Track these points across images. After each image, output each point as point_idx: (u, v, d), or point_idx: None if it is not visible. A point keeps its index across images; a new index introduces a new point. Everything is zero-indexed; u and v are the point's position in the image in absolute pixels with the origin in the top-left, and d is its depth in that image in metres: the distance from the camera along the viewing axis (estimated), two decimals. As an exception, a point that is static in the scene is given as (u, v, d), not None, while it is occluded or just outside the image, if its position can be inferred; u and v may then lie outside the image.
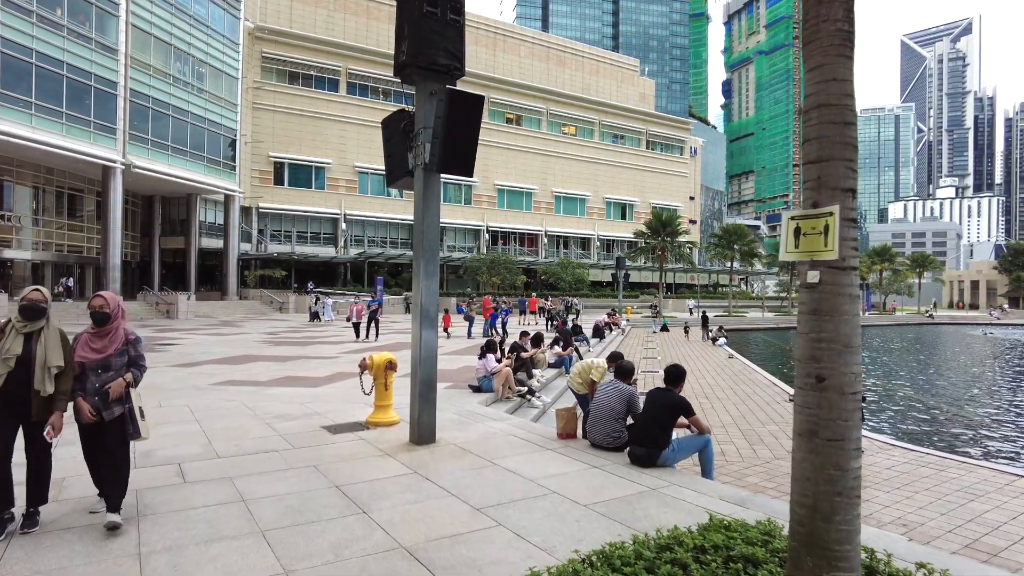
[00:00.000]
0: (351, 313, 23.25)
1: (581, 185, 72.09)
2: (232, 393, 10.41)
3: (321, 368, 14.19)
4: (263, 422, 7.90)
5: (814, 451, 2.93)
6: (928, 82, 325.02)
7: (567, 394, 13.19)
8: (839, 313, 2.89)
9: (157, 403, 9.31)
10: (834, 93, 2.91)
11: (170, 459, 6.10)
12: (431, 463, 6.02)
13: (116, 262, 36.95)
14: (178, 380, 12.03)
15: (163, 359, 15.67)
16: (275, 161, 54.92)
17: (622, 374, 6.87)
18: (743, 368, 19.92)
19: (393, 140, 7.13)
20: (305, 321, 35.28)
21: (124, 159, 36.33)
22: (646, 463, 5.95)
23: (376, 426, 7.59)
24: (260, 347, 19.61)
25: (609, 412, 6.54)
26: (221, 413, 8.53)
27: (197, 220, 48.11)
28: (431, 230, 6.75)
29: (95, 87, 34.42)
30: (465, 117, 6.32)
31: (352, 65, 58.62)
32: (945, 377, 22.38)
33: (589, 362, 8.50)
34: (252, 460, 6.07)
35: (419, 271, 6.69)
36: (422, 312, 6.67)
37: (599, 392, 6.81)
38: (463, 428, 7.66)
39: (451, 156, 6.31)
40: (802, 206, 3.06)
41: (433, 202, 6.75)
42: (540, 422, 10.00)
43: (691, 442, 6.16)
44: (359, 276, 55.68)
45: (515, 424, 8.02)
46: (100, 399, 4.40)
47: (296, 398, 9.93)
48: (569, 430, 7.11)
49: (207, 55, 43.35)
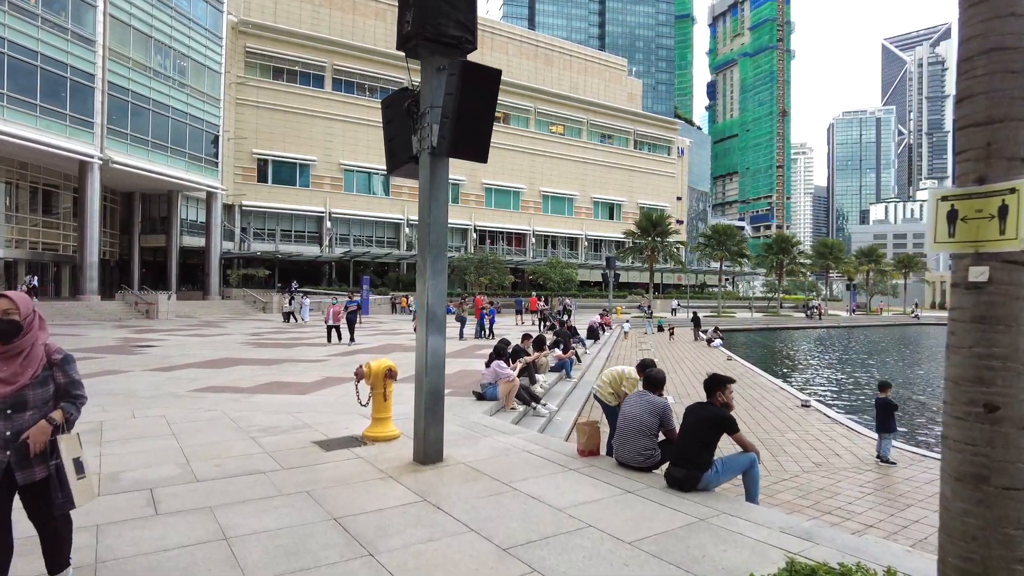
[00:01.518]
0: (327, 315, 21.26)
1: (569, 185, 71.48)
2: (213, 402, 9.59)
3: (308, 373, 13.38)
4: (248, 436, 7.10)
5: (984, 503, 2.23)
6: (908, 85, 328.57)
7: (572, 399, 12.51)
8: (1018, 323, 2.19)
9: (130, 413, 8.48)
10: (1011, 32, 2.21)
11: (141, 483, 5.30)
12: (441, 488, 5.28)
13: (93, 260, 35.75)
14: (154, 386, 11.18)
15: (139, 362, 14.77)
16: (259, 158, 53.74)
17: (652, 384, 6.16)
18: (745, 371, 19.35)
19: (395, 122, 6.37)
20: (306, 320, 34.25)
21: (102, 154, 35.13)
22: (686, 486, 5.25)
23: (374, 441, 6.82)
24: (243, 349, 18.72)
25: (639, 427, 5.83)
26: (201, 425, 7.72)
27: (178, 218, 46.86)
28: (438, 223, 6.00)
29: (71, 79, 33.22)
30: (480, 93, 5.56)
31: (338, 61, 57.56)
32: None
33: (620, 371, 7.67)
34: (236, 484, 5.29)
35: (425, 268, 5.94)
36: (429, 315, 5.92)
37: (627, 405, 6.10)
38: (471, 443, 6.91)
39: (463, 138, 5.55)
40: (956, 182, 2.36)
41: (441, 191, 6.00)
42: (547, 431, 9.31)
43: (735, 462, 5.46)
44: (344, 276, 54.65)
45: (528, 438, 7.27)
46: (13, 454, 3.08)
47: (283, 407, 9.13)
48: (592, 447, 6.39)
49: (189, 48, 42.17)
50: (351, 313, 21.39)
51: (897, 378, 22.00)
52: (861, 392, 18.92)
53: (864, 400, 16.75)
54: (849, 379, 21.97)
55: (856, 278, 74.08)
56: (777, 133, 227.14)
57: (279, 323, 32.75)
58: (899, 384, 20.69)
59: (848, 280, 73.20)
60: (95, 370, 13.20)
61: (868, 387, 20.04)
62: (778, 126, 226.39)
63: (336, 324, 20.85)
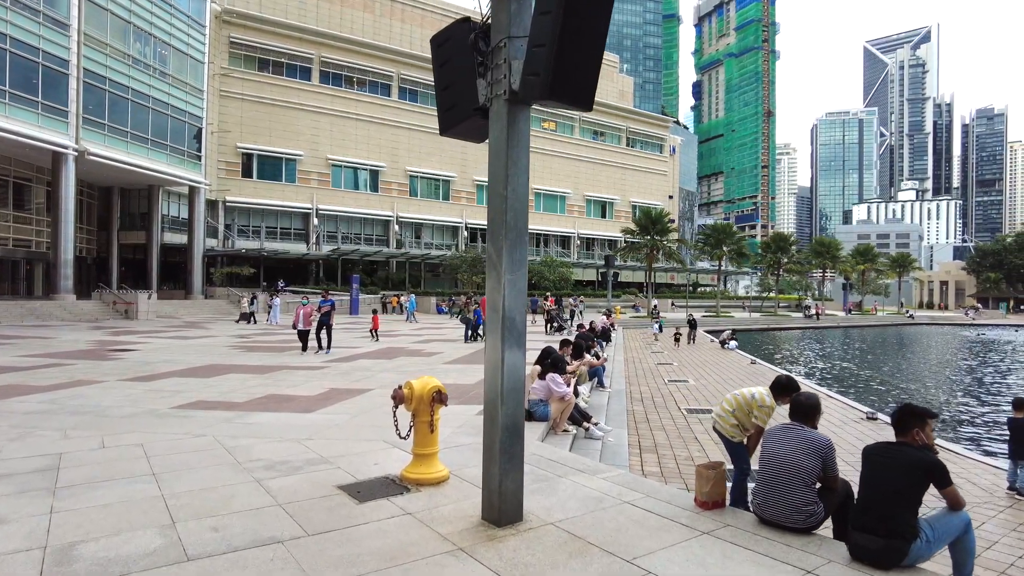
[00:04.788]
0: (296, 318, 17.41)
1: (561, 182, 70.08)
2: (203, 423, 7.92)
3: (308, 383, 11.71)
4: (251, 477, 5.48)
5: None
6: (890, 87, 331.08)
7: (612, 414, 10.95)
8: None
9: (99, 440, 6.81)
10: None
11: (104, 566, 3.67)
12: (543, 571, 3.70)
13: (68, 257, 33.68)
14: (131, 401, 9.48)
15: (115, 370, 13.01)
16: (243, 152, 51.76)
17: (802, 414, 4.59)
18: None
19: (452, 64, 4.75)
20: (263, 322, 31.93)
21: (77, 145, 33.09)
22: (885, 562, 3.73)
23: (418, 485, 5.22)
24: (231, 354, 16.97)
25: (795, 473, 4.29)
26: (189, 459, 6.07)
27: (159, 214, 44.80)
28: (518, 197, 4.42)
29: (44, 64, 31.18)
30: (589, 12, 3.99)
31: (326, 53, 55.71)
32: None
33: (748, 395, 5.56)
34: (246, 568, 3.68)
35: (500, 259, 4.36)
36: (505, 322, 4.34)
37: (773, 442, 4.54)
38: (547, 488, 5.31)
39: (566, 74, 3.96)
40: None
41: (523, 153, 4.43)
42: (604, 458, 7.73)
43: (949, 525, 3.93)
44: (332, 274, 52.83)
45: (617, 480, 5.67)
46: None
47: (288, 431, 7.49)
48: (718, 497, 4.83)
49: (170, 36, 40.12)
50: (325, 315, 17.58)
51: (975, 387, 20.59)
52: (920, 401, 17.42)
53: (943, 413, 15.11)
54: (893, 387, 20.31)
55: (852, 277, 73.40)
56: (762, 133, 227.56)
57: (262, 324, 30.89)
58: (984, 394, 19.37)
59: (845, 279, 72.42)
60: (62, 380, 11.46)
61: (919, 393, 18.71)
62: (763, 126, 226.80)
63: (308, 329, 17.26)
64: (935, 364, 27.57)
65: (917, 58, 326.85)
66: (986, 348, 35.09)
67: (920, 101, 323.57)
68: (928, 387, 20.18)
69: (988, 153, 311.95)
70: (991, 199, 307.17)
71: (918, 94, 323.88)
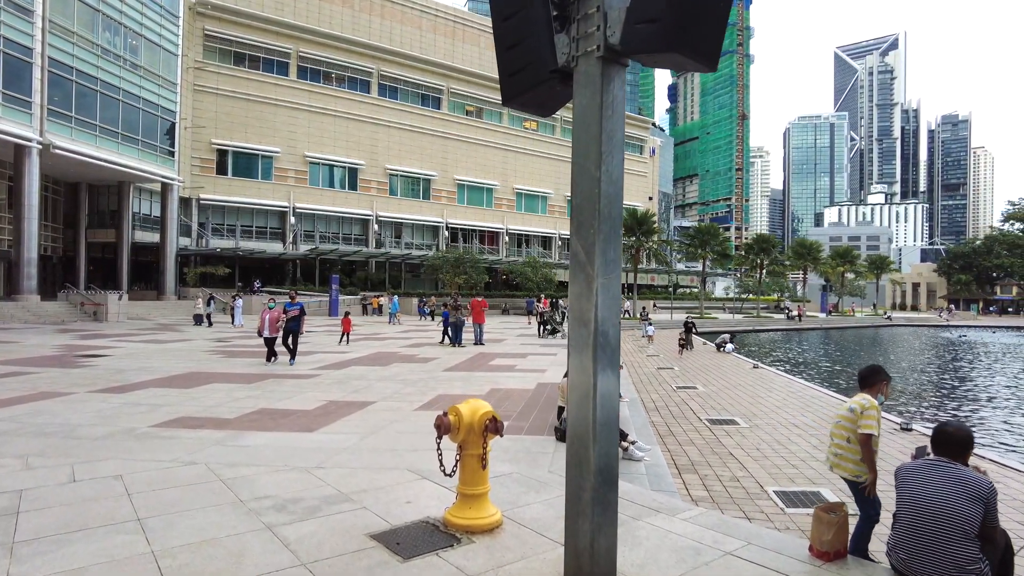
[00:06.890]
0: (262, 323, 15.20)
1: (543, 182, 69.31)
2: (190, 446, 6.88)
3: (302, 394, 10.68)
4: (261, 523, 4.49)
5: None
6: (860, 93, 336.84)
7: (644, 428, 10.09)
8: None
9: (69, 471, 5.76)
10: None
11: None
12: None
13: (32, 256, 31.93)
14: (105, 418, 8.38)
15: (84, 379, 11.82)
16: (218, 148, 50.06)
17: (953, 447, 3.74)
18: (786, 381, 17.22)
19: (521, 15, 3.84)
20: (239, 325, 30.40)
21: (42, 138, 31.40)
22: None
23: (469, 533, 4.30)
24: (211, 360, 15.81)
25: (953, 523, 3.45)
26: (179, 497, 5.06)
27: (130, 211, 42.95)
28: (612, 179, 3.52)
29: (5, 52, 29.50)
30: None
31: (304, 48, 54.22)
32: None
33: (847, 411, 4.43)
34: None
35: (592, 258, 3.46)
36: (598, 337, 3.43)
37: (915, 481, 3.67)
38: (626, 537, 4.37)
39: (694, 19, 3.09)
40: None
41: (618, 123, 3.54)
42: (649, 483, 6.88)
43: None
44: (310, 275, 51.38)
45: (700, 522, 4.76)
46: None
47: (292, 456, 6.49)
48: (840, 546, 3.98)
49: (141, 26, 38.42)
50: (292, 320, 15.37)
51: (997, 393, 20.09)
52: (942, 408, 16.82)
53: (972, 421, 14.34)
54: (914, 396, 19.57)
55: (833, 278, 73.81)
56: (737, 136, 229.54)
57: (248, 326, 29.52)
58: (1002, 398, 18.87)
59: (826, 280, 72.77)
60: (24, 392, 10.27)
61: (938, 398, 18.16)
62: (738, 129, 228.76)
63: (275, 336, 15.12)
64: (950, 370, 26.47)
65: (886, 64, 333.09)
66: (987, 352, 34.64)
67: (889, 107, 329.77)
68: (975, 401, 19.56)
69: (953, 159, 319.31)
70: (956, 203, 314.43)
71: (887, 100, 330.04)
